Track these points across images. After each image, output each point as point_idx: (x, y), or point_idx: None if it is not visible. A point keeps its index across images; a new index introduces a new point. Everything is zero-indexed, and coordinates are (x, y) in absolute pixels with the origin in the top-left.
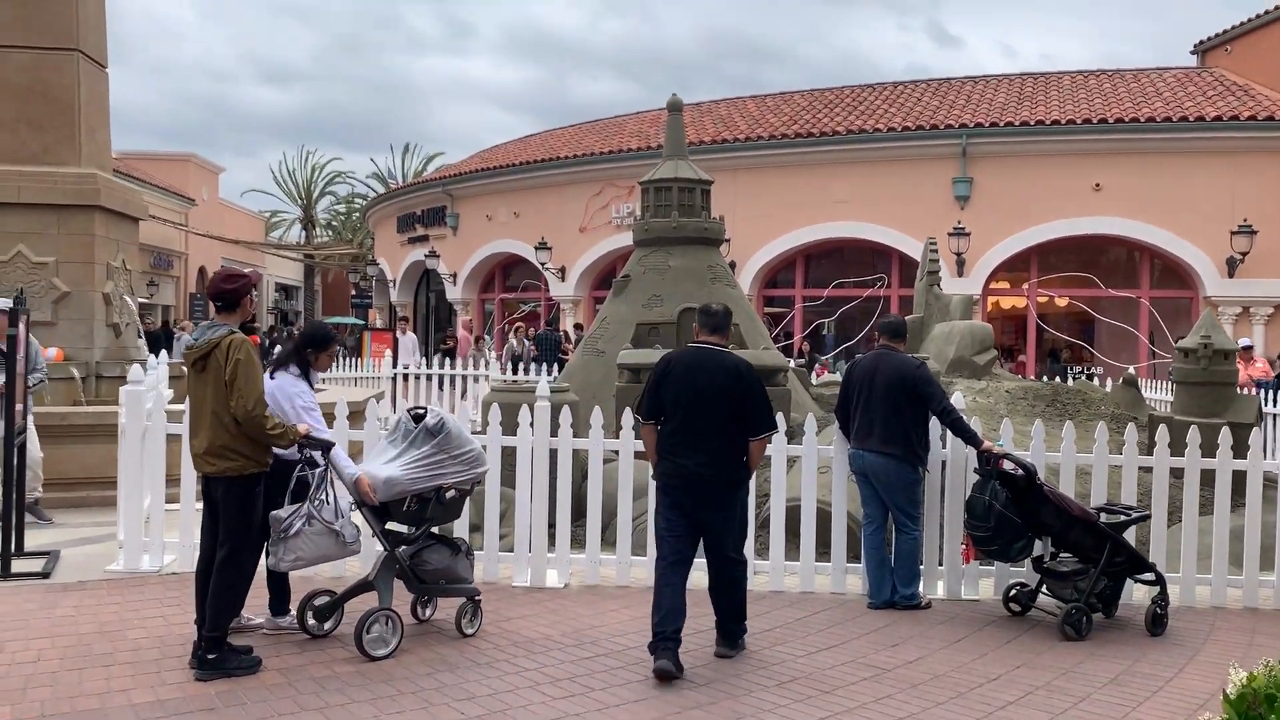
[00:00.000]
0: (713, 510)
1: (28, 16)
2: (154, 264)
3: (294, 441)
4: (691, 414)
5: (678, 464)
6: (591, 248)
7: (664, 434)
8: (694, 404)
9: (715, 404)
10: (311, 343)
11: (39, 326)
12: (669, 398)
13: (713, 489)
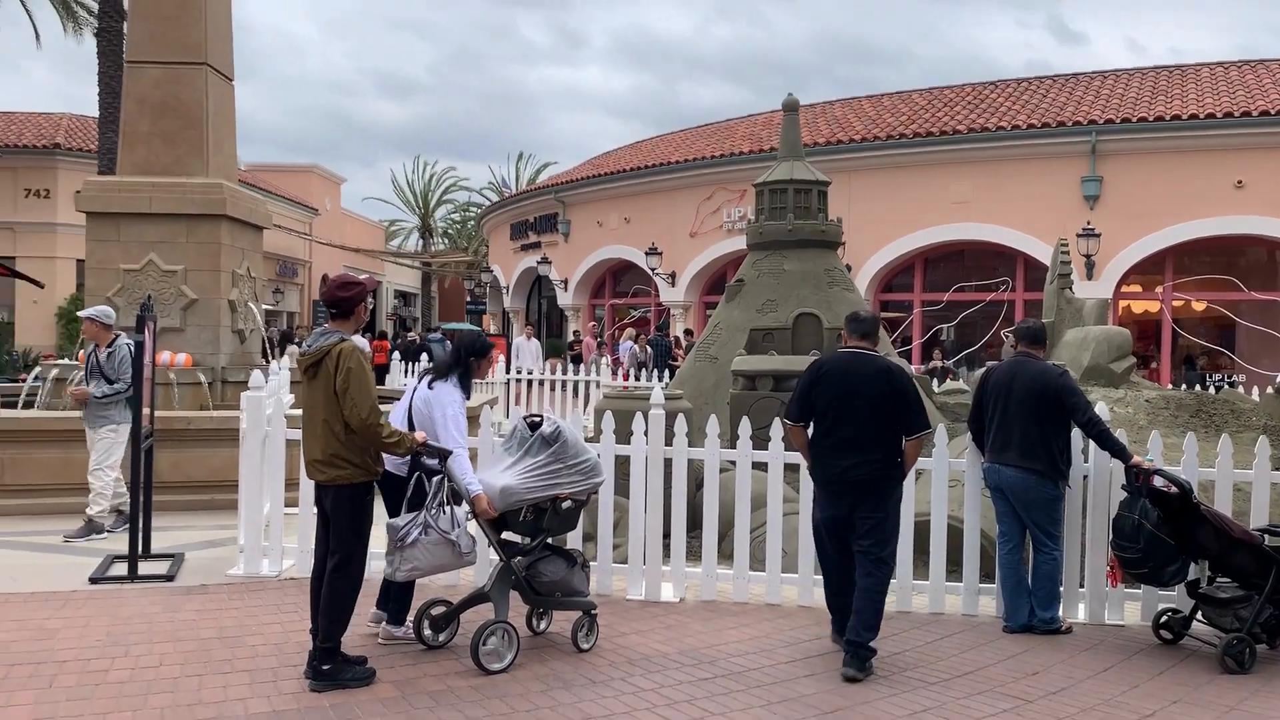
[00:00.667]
0: (867, 511)
1: (160, 33)
2: (279, 272)
3: (410, 450)
4: (845, 417)
5: (833, 466)
6: (702, 252)
7: (816, 437)
8: (848, 407)
9: (869, 406)
10: (474, 351)
11: (168, 333)
12: (821, 402)
13: (866, 491)
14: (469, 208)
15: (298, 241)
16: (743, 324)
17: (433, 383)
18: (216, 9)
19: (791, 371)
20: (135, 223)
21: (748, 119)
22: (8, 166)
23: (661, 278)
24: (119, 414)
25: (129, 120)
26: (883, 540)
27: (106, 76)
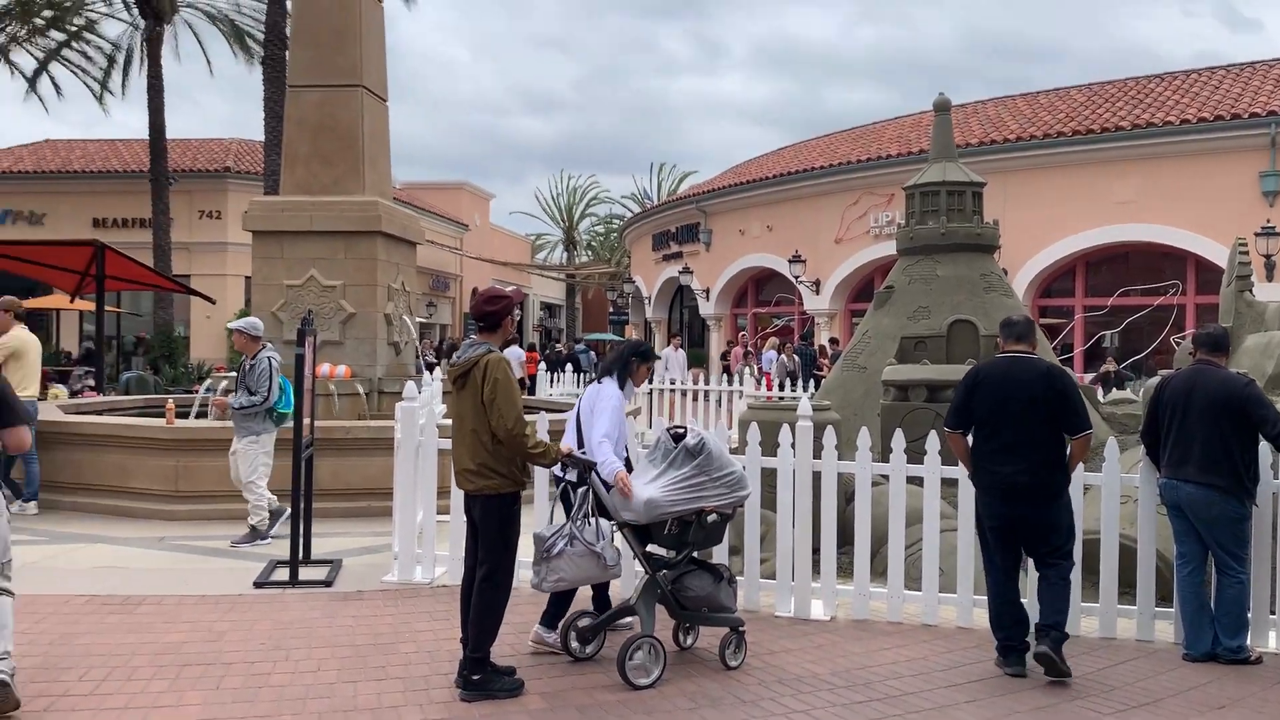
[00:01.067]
0: (1034, 518)
1: (319, 58)
2: (432, 286)
3: (555, 460)
4: (1008, 422)
5: (997, 473)
6: (848, 259)
7: (978, 443)
8: (1008, 412)
9: (1031, 410)
10: (637, 352)
11: (328, 345)
12: (982, 408)
13: (1033, 496)
14: (611, 220)
15: (449, 256)
16: (893, 332)
17: (601, 378)
18: (371, 34)
19: (946, 381)
20: (297, 240)
21: (895, 121)
22: (184, 190)
23: (805, 285)
24: (259, 425)
25: (290, 142)
26: (1060, 541)
27: (271, 102)
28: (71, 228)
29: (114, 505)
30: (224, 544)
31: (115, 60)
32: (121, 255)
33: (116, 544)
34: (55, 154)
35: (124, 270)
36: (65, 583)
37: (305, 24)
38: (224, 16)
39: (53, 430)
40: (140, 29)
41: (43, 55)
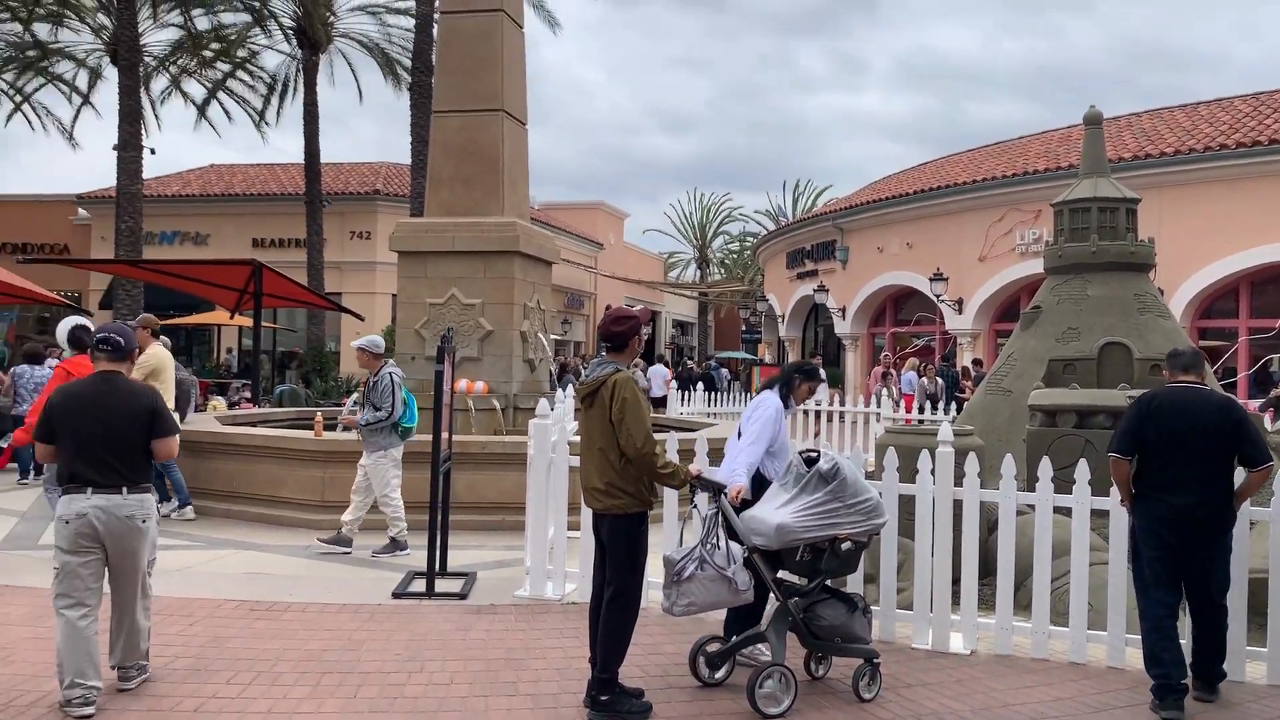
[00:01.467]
0: (1203, 551)
1: (462, 84)
2: (567, 303)
3: (685, 482)
4: (1183, 453)
5: (1166, 504)
6: (992, 277)
7: (1147, 473)
8: (1185, 443)
9: (1206, 442)
10: (801, 371)
11: (467, 362)
12: (1156, 437)
13: (1204, 529)
14: (745, 237)
15: (584, 274)
16: (1041, 354)
17: (761, 390)
18: (512, 60)
19: (1098, 406)
20: (439, 260)
21: (1042, 136)
22: (336, 212)
23: (947, 304)
24: (386, 439)
25: (434, 165)
26: (1222, 584)
27: (417, 127)
28: (233, 247)
29: (264, 513)
30: (365, 554)
31: (274, 89)
32: (278, 274)
33: (265, 551)
34: (219, 178)
35: (280, 288)
36: (217, 587)
37: (450, 52)
38: (375, 46)
39: (209, 441)
40: (297, 59)
41: (210, 85)
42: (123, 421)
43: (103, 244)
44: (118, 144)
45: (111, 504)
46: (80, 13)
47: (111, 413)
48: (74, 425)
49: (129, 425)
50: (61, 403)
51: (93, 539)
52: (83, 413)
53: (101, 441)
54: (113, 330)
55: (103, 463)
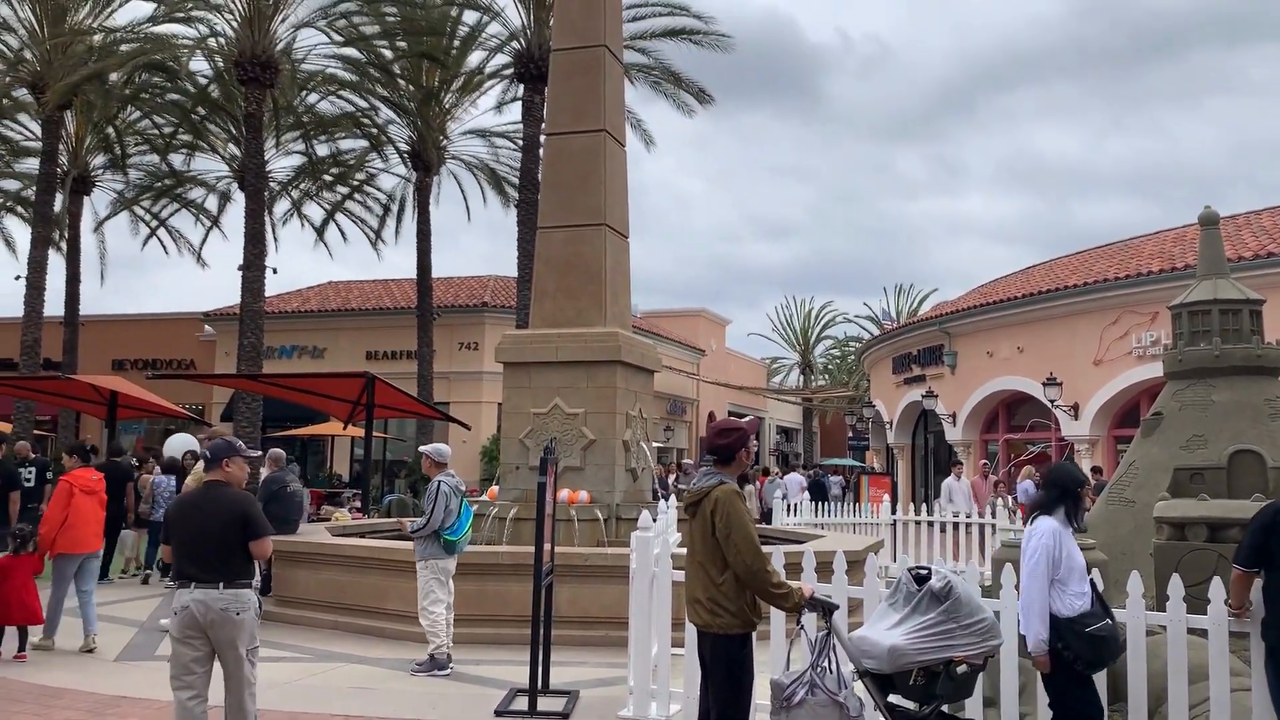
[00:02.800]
0: None
1: (566, 201)
2: (669, 410)
3: (798, 605)
4: None
5: None
6: (1108, 382)
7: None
8: None
9: None
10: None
11: (569, 471)
12: None
13: None
14: (848, 343)
15: (686, 381)
16: (1165, 462)
17: (1034, 519)
18: (614, 176)
19: (1231, 519)
20: (543, 370)
21: (1155, 236)
22: (446, 324)
23: (1062, 410)
24: (428, 549)
25: (539, 278)
26: None
27: (523, 241)
28: (348, 360)
29: (371, 625)
30: (470, 668)
31: (390, 209)
32: (389, 385)
33: (371, 664)
34: (336, 294)
35: (391, 399)
36: (326, 702)
37: (555, 170)
38: (484, 166)
39: (318, 552)
40: (411, 180)
41: (329, 207)
42: (219, 525)
43: (226, 359)
44: (242, 264)
45: (209, 598)
46: (212, 144)
47: (210, 517)
48: (180, 528)
49: (224, 528)
50: (174, 510)
51: (195, 629)
52: (187, 518)
53: (202, 542)
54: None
55: (202, 561)
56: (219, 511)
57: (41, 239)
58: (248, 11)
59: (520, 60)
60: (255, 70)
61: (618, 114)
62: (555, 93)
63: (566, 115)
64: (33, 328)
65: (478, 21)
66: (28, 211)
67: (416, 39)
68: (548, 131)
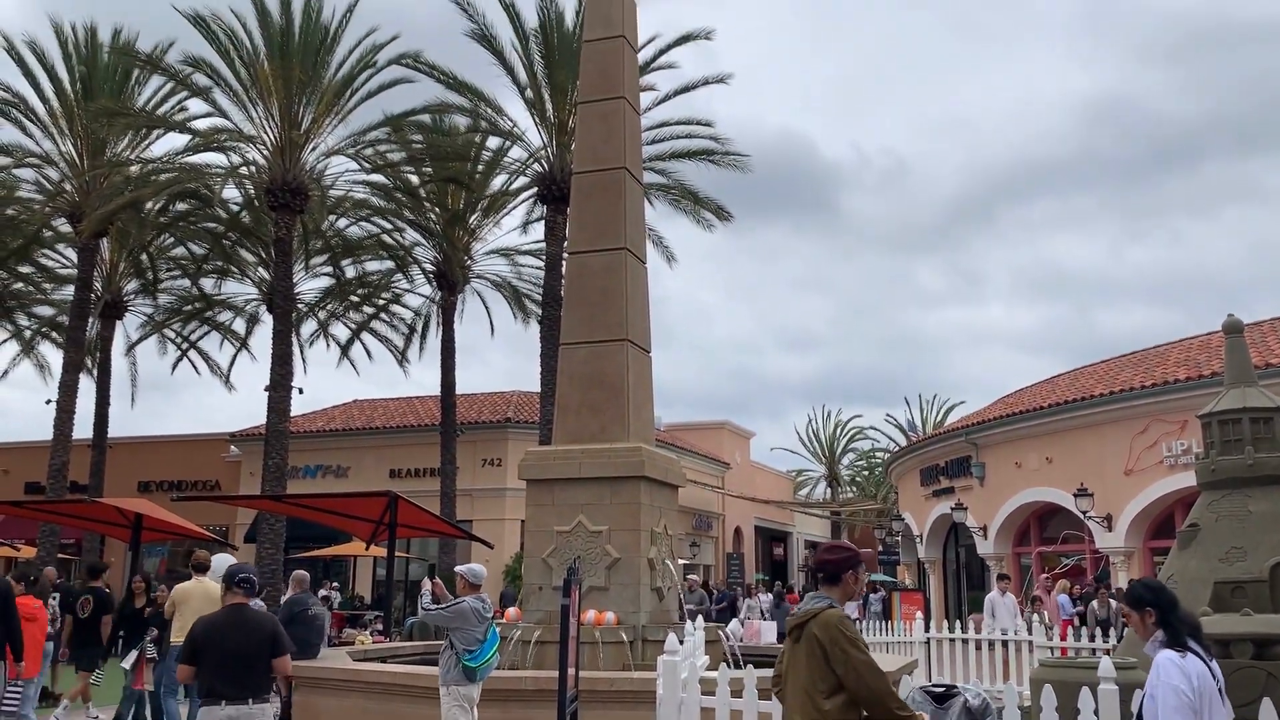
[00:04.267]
0: None
1: (588, 317)
2: (694, 525)
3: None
4: None
5: None
6: (1141, 492)
7: None
8: None
9: None
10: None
11: (594, 591)
12: None
13: None
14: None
15: (711, 495)
16: (1204, 575)
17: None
18: (635, 292)
19: (1276, 634)
20: (566, 487)
21: (1180, 343)
22: (469, 440)
23: (1095, 521)
24: (452, 675)
25: (562, 393)
26: None
27: (546, 357)
28: (372, 478)
29: None
30: None
31: (415, 327)
32: (412, 504)
33: None
34: (360, 412)
35: (414, 518)
36: None
37: (577, 287)
38: (506, 283)
39: (340, 678)
40: (436, 300)
41: (355, 327)
42: (252, 645)
43: (251, 479)
44: (269, 384)
45: (240, 713)
46: (242, 267)
47: (243, 638)
48: (213, 649)
49: (257, 648)
50: (204, 631)
51: None
52: (221, 638)
53: (235, 661)
54: (249, 571)
55: (234, 679)
56: (250, 631)
57: (73, 363)
58: (280, 141)
59: (542, 182)
60: (286, 196)
61: (638, 232)
62: (576, 213)
63: (588, 234)
64: (61, 451)
65: (501, 146)
66: (61, 336)
67: (442, 164)
68: (569, 250)
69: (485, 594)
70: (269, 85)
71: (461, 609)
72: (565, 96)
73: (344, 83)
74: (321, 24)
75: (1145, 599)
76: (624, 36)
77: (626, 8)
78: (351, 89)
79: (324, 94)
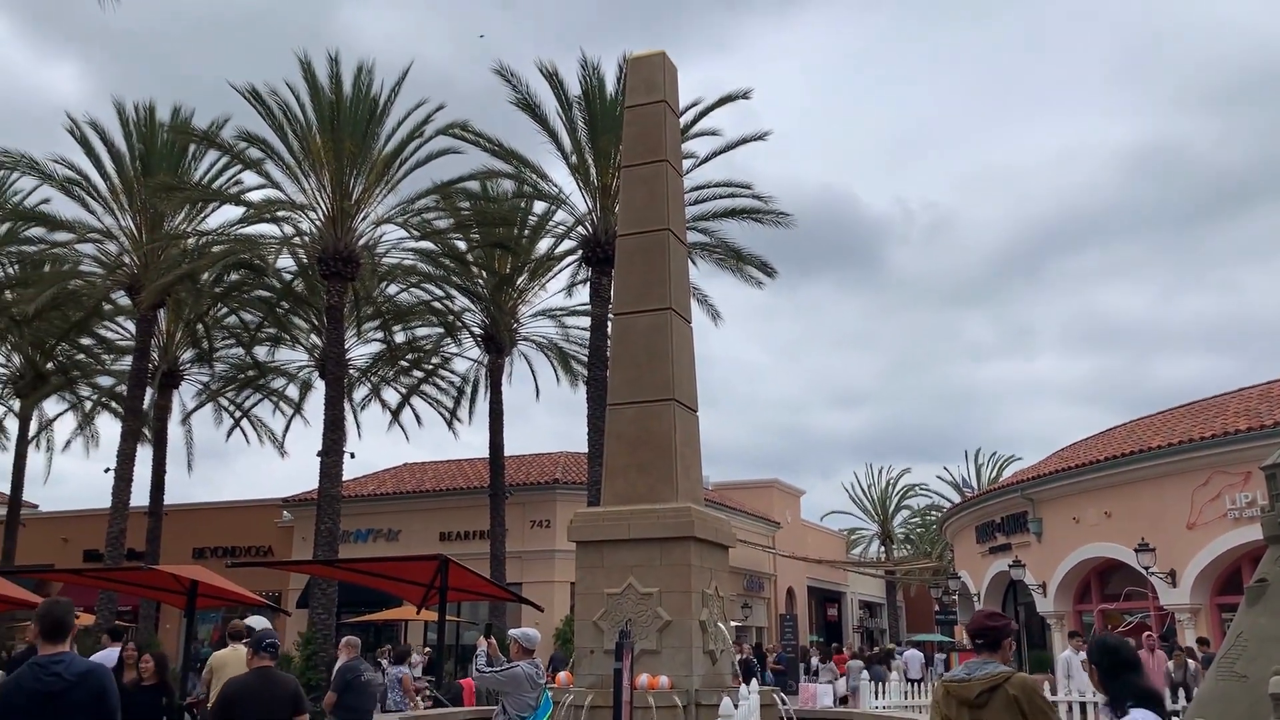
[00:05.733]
0: None
1: (634, 378)
2: (746, 586)
3: None
4: None
5: None
6: (1205, 546)
7: None
8: None
9: None
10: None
11: (645, 655)
12: None
13: None
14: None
15: (763, 555)
16: (1275, 633)
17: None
18: (680, 352)
19: None
20: (616, 549)
21: (1239, 393)
22: (517, 502)
23: (1158, 577)
24: None
25: (609, 455)
26: None
27: (593, 417)
28: (422, 541)
29: None
30: None
31: (464, 390)
32: (462, 567)
33: None
34: (411, 475)
35: (464, 581)
36: None
37: (622, 347)
38: (553, 345)
39: None
40: (484, 363)
41: (405, 391)
42: (277, 704)
43: (303, 544)
44: (321, 449)
45: None
46: (295, 335)
47: (272, 698)
48: (244, 707)
49: (281, 706)
50: (236, 691)
51: None
52: (252, 697)
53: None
54: (273, 636)
55: None
56: (278, 692)
57: (131, 432)
58: (331, 211)
59: (587, 244)
60: (337, 265)
61: (682, 292)
62: (621, 274)
63: (632, 295)
64: (118, 519)
65: (546, 210)
66: (119, 406)
67: (489, 230)
68: (615, 311)
69: (538, 659)
70: (321, 157)
71: (515, 674)
72: (608, 160)
73: (393, 153)
74: (372, 96)
75: (1091, 657)
76: (665, 101)
77: (668, 72)
78: (401, 159)
79: (374, 164)
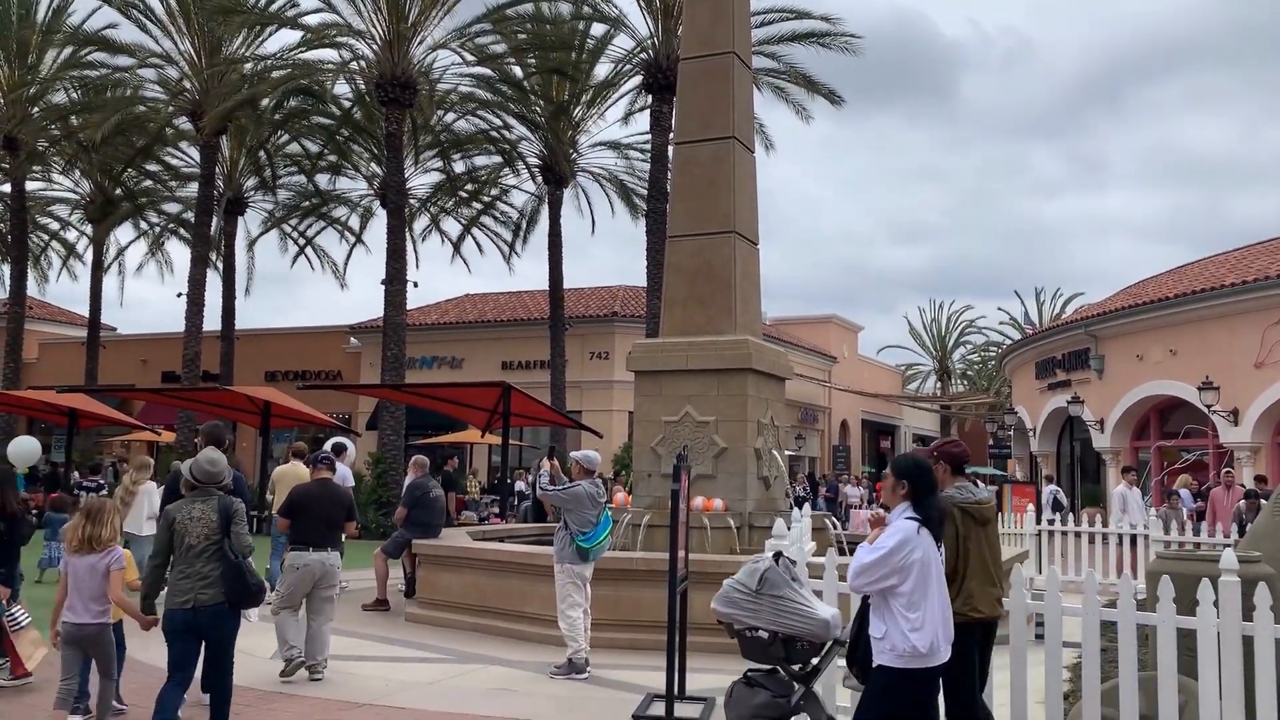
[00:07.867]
0: None
1: (695, 209)
2: (801, 419)
3: None
4: None
5: None
6: (1271, 385)
7: None
8: None
9: None
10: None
11: (701, 479)
12: None
13: None
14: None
15: (818, 389)
16: None
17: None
18: (742, 183)
19: None
20: (674, 379)
21: None
22: (577, 334)
23: (1220, 416)
24: (567, 553)
25: (669, 287)
26: None
27: (652, 251)
28: (484, 370)
29: (511, 628)
30: (607, 672)
31: (522, 223)
32: (524, 395)
33: (510, 666)
34: (473, 306)
35: (526, 408)
36: (467, 703)
37: (684, 179)
38: (614, 178)
39: (460, 555)
40: (543, 195)
41: (465, 222)
42: (334, 509)
43: (370, 370)
44: (385, 279)
45: (325, 558)
46: (355, 164)
47: (330, 505)
48: (308, 511)
49: (337, 511)
50: (300, 497)
51: (310, 577)
52: (314, 503)
53: (323, 521)
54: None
55: (320, 534)
56: (335, 501)
57: (200, 258)
58: (388, 35)
59: (648, 70)
60: (395, 91)
61: (746, 121)
62: (684, 101)
63: (695, 123)
64: (193, 342)
65: (605, 34)
66: (188, 233)
67: (545, 55)
68: (676, 140)
69: (599, 479)
70: None
71: (577, 492)
72: None
73: None
74: None
75: (909, 472)
76: None
77: None
78: None
79: None
